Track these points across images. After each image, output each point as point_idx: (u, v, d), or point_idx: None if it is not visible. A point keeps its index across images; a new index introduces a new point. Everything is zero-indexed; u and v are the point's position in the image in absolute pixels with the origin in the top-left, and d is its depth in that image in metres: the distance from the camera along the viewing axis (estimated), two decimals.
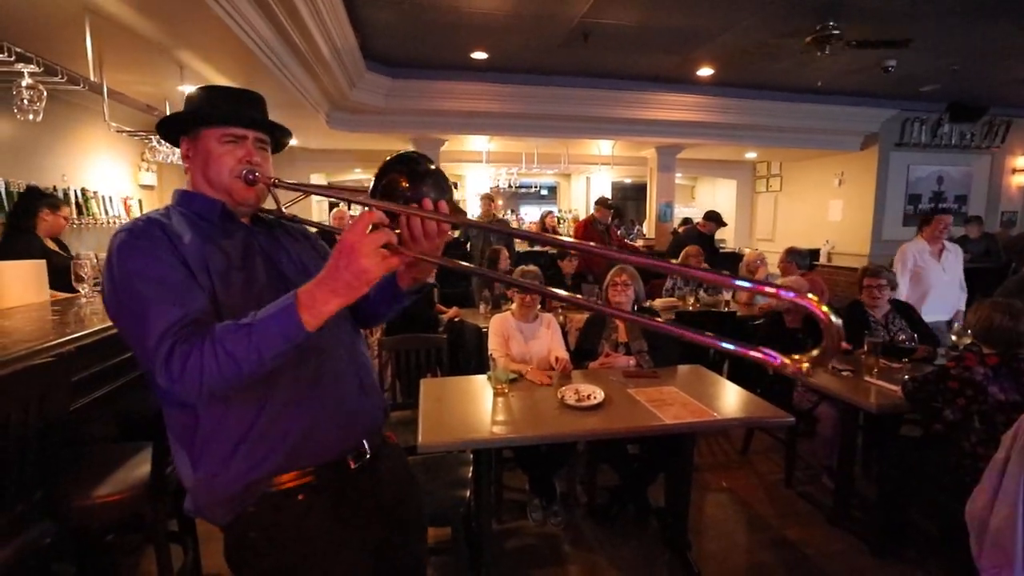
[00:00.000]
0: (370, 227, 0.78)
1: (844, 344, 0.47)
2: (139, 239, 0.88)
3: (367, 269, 0.77)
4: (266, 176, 0.99)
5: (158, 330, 0.80)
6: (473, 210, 8.14)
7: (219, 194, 0.99)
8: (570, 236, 6.60)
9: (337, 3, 3.50)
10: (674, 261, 4.58)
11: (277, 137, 1.07)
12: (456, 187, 9.40)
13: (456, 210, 0.92)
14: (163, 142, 4.07)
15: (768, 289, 0.57)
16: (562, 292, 0.80)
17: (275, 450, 0.91)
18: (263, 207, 1.07)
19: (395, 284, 1.07)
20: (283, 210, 1.06)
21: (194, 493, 0.94)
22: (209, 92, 1.02)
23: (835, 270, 7.31)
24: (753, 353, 0.56)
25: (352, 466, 1.00)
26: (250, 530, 0.92)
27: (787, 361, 0.55)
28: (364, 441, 1.03)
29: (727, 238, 9.21)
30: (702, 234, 5.72)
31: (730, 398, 2.18)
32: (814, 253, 7.57)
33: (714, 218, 5.76)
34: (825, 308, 0.53)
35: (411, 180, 0.90)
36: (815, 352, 0.55)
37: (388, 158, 0.93)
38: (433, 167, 0.93)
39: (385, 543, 1.05)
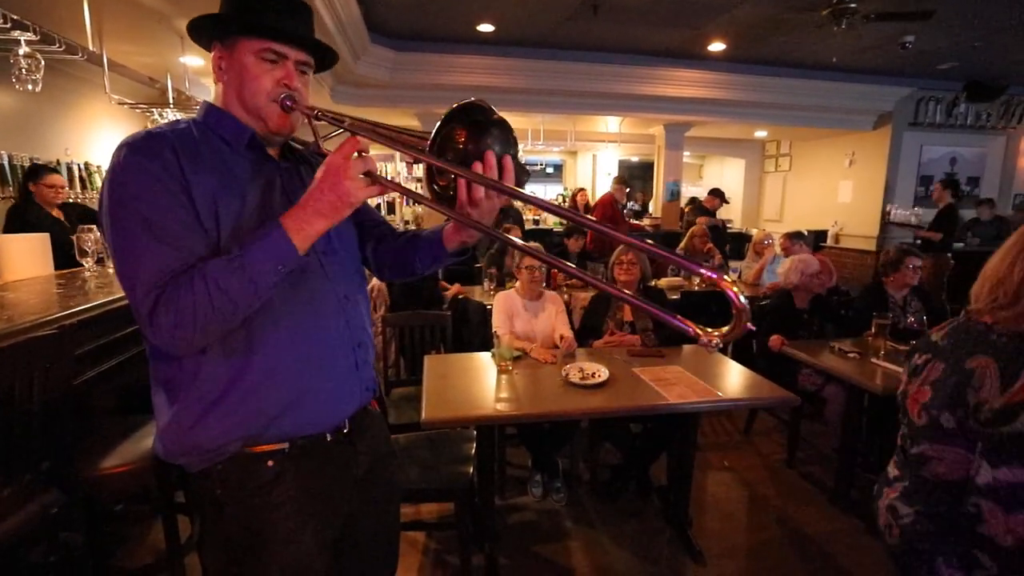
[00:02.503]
0: (355, 153, 0.79)
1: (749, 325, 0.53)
2: (145, 157, 0.79)
3: (349, 191, 0.79)
4: (304, 104, 0.90)
5: (149, 279, 0.76)
6: None
7: (251, 117, 0.90)
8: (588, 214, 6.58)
9: None
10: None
11: (321, 60, 0.96)
12: None
13: (520, 168, 0.85)
14: (165, 115, 4.05)
15: (702, 271, 0.63)
16: (571, 266, 0.78)
17: (253, 416, 0.88)
18: (297, 137, 0.98)
19: (441, 245, 1.05)
20: (321, 144, 0.95)
21: (163, 438, 0.90)
22: None
23: (842, 251, 7.25)
24: (674, 321, 0.62)
25: (328, 439, 0.97)
26: (216, 487, 0.90)
27: (699, 332, 0.60)
28: (346, 420, 1.00)
29: (734, 218, 9.11)
30: (707, 210, 5.82)
31: (734, 378, 2.17)
32: (821, 235, 7.50)
33: (719, 194, 5.93)
34: (736, 289, 0.58)
35: (472, 133, 0.82)
36: (725, 329, 0.60)
37: (454, 106, 0.82)
38: (497, 117, 0.84)
39: (355, 515, 1.03)
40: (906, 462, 1.13)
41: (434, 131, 0.80)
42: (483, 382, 2.10)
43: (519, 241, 0.86)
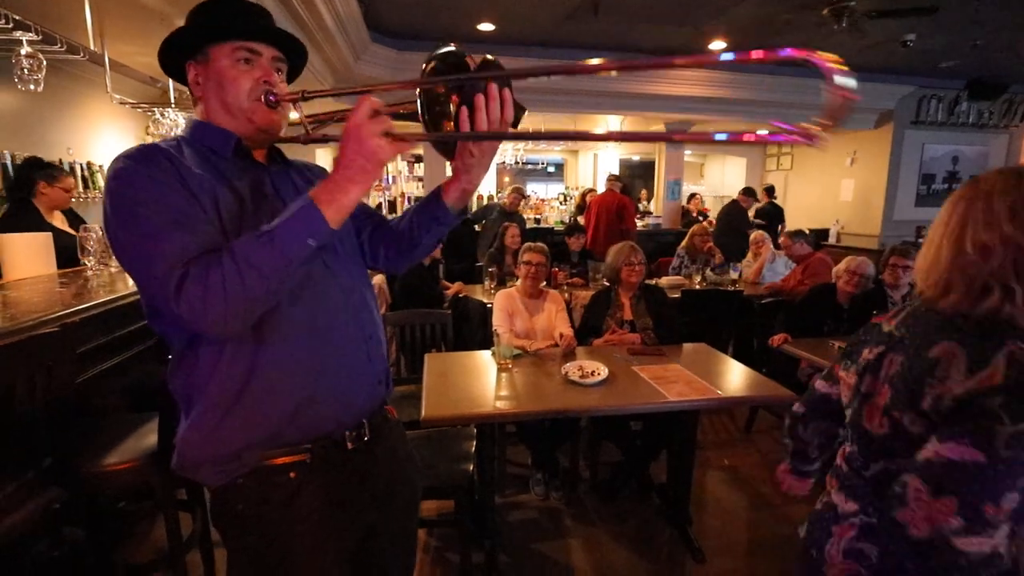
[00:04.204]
0: (371, 112, 0.77)
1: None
2: (143, 165, 0.80)
3: (375, 149, 0.77)
4: (288, 92, 0.91)
5: (169, 257, 0.75)
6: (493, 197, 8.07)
7: (238, 121, 0.91)
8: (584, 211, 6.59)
9: None
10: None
11: (292, 61, 0.98)
12: None
13: (516, 104, 0.85)
14: (167, 114, 4.07)
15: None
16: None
17: (269, 416, 0.88)
18: (285, 136, 0.98)
19: (439, 201, 1.02)
20: (311, 132, 0.95)
21: (183, 449, 0.90)
22: (210, 5, 0.92)
23: (844, 251, 7.24)
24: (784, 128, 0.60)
25: (349, 447, 0.97)
26: (238, 502, 0.90)
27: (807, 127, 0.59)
28: (364, 420, 1.00)
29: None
30: (743, 208, 5.94)
31: (734, 376, 2.17)
32: (823, 233, 7.50)
33: (751, 193, 6.05)
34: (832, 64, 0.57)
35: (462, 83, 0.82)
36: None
37: (432, 55, 0.83)
38: (487, 57, 0.84)
39: (376, 525, 1.03)
40: (862, 489, 0.92)
41: (428, 69, 0.81)
42: (483, 380, 2.10)
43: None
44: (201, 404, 0.87)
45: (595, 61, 0.68)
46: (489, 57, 0.84)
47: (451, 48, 0.84)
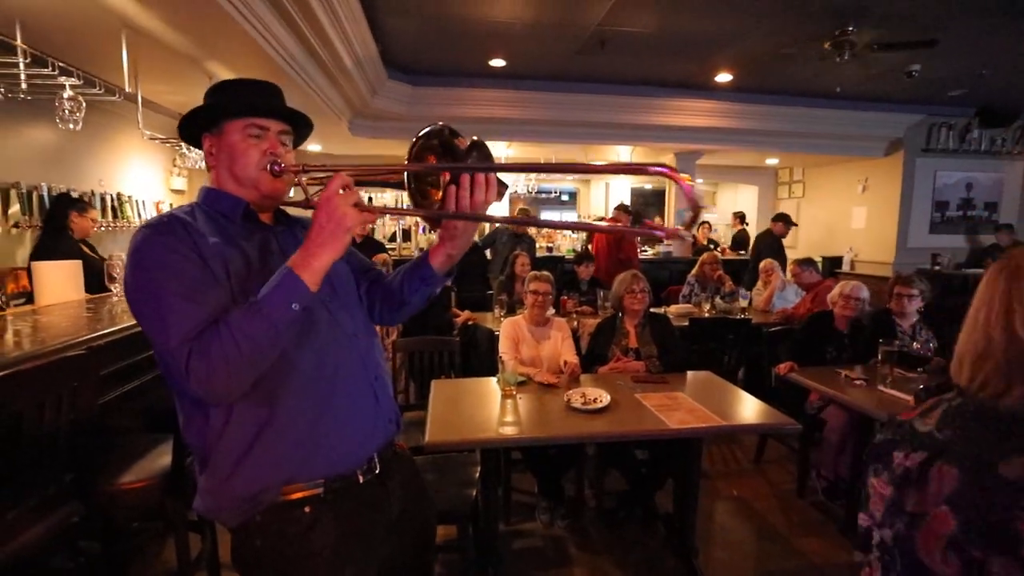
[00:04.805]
0: (341, 188, 0.87)
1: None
2: (162, 235, 0.89)
3: (344, 216, 0.86)
4: (292, 164, 1.00)
5: (180, 333, 0.82)
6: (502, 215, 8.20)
7: (246, 189, 0.99)
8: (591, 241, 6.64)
9: (359, 14, 3.61)
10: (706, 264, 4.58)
11: (299, 131, 1.08)
12: None
13: (499, 181, 0.94)
14: (192, 149, 4.27)
15: (649, 169, 0.75)
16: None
17: (284, 460, 0.93)
18: (289, 200, 1.07)
19: (427, 265, 1.09)
20: (311, 199, 1.01)
21: (203, 496, 0.96)
22: (228, 85, 1.03)
23: (858, 278, 7.16)
24: (645, 229, 0.68)
25: (360, 480, 1.00)
26: (256, 538, 0.93)
27: (670, 228, 0.76)
28: (375, 455, 1.04)
29: (746, 248, 9.09)
30: (776, 236, 5.88)
31: (738, 405, 2.18)
32: (836, 261, 7.45)
33: (784, 219, 5.94)
34: (688, 179, 0.68)
35: (452, 154, 0.90)
36: (688, 216, 0.72)
37: (423, 131, 0.92)
38: (474, 139, 0.92)
39: (391, 558, 1.06)
40: None
41: (410, 150, 0.91)
42: (488, 406, 2.14)
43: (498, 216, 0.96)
44: (215, 458, 0.93)
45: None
46: (475, 138, 0.93)
47: (441, 127, 0.93)
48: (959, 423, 0.71)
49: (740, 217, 8.58)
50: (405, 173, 0.92)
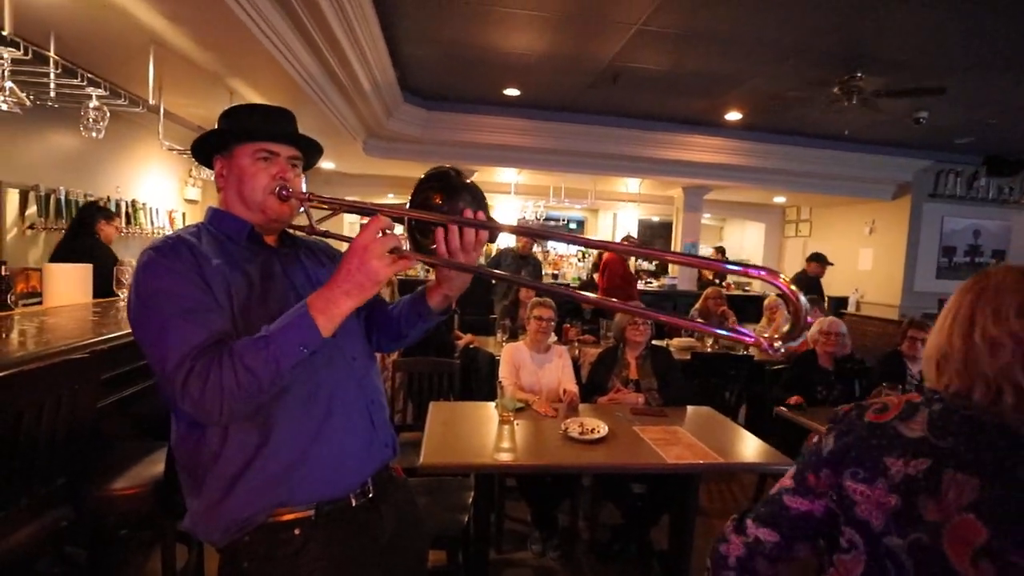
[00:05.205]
0: (380, 232, 0.85)
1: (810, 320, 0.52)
2: (166, 258, 0.89)
3: (377, 270, 0.83)
4: (299, 192, 1.01)
5: (179, 352, 0.82)
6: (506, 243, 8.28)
7: (252, 211, 1.00)
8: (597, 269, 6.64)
9: (379, 40, 3.72)
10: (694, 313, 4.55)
11: (309, 156, 1.10)
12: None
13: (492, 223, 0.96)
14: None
15: (751, 272, 0.69)
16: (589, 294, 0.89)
17: (277, 483, 0.91)
18: (294, 223, 1.08)
19: (424, 303, 1.09)
20: (315, 226, 1.05)
21: (192, 515, 0.95)
22: (242, 109, 1.05)
23: (864, 319, 7.13)
24: (733, 335, 0.71)
25: (353, 504, 0.99)
26: (243, 560, 0.92)
27: (761, 339, 0.66)
28: (369, 479, 1.02)
29: (753, 282, 9.09)
30: (812, 277, 5.76)
31: (738, 442, 2.16)
32: (842, 301, 7.42)
33: (818, 259, 5.79)
34: (793, 287, 0.64)
35: (447, 194, 0.93)
36: (786, 328, 0.65)
37: (424, 174, 0.96)
38: (468, 181, 0.96)
39: None
40: None
41: (412, 194, 0.93)
42: (484, 431, 2.13)
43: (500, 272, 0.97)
44: (208, 479, 0.92)
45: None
46: (471, 180, 0.97)
47: (447, 169, 0.97)
48: (952, 428, 0.73)
49: (720, 252, 8.62)
50: (408, 204, 0.94)
